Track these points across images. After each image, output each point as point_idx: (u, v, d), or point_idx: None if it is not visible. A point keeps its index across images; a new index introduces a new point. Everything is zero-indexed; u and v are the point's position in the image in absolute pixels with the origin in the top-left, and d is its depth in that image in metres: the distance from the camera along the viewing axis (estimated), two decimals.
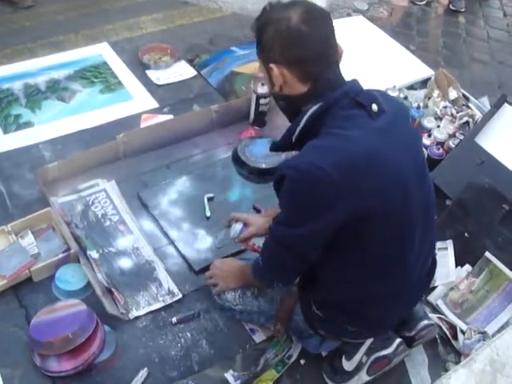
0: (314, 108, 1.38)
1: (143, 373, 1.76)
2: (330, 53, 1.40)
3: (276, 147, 1.57)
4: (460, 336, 1.93)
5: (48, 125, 2.60)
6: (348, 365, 1.73)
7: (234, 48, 3.23)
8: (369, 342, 1.70)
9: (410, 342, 1.80)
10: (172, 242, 2.15)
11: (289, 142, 1.46)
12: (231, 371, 1.79)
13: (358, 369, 1.71)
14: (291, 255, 1.45)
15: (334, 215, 1.32)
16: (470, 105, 2.79)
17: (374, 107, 1.37)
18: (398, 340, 1.72)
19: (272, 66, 1.39)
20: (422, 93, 2.92)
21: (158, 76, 2.95)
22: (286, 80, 1.39)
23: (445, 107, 2.74)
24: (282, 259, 1.49)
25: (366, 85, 1.48)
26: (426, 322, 1.81)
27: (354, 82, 1.43)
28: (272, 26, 1.37)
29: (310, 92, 1.39)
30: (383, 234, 1.38)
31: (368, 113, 1.36)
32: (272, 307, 1.75)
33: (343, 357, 1.74)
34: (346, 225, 1.34)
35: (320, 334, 1.70)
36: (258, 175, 2.37)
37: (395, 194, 1.36)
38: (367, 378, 1.72)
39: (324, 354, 1.84)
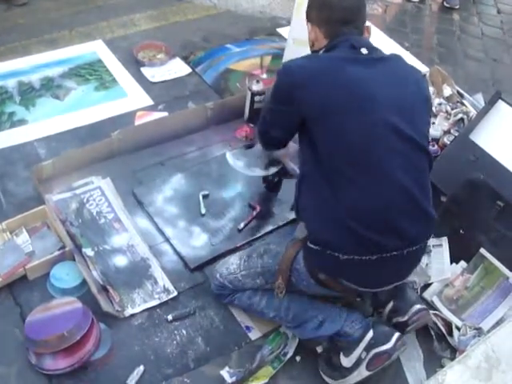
0: (321, 51, 1.73)
1: (139, 370, 1.76)
2: (355, 23, 1.71)
3: None
4: (455, 332, 1.94)
5: (42, 122, 2.59)
6: (347, 361, 1.73)
7: (228, 45, 3.23)
8: (368, 337, 1.70)
9: (403, 328, 1.80)
10: (167, 240, 2.15)
11: None
12: (227, 368, 1.80)
13: (357, 364, 1.71)
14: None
15: (296, 104, 1.62)
16: (465, 102, 2.80)
17: (364, 50, 1.64)
18: (397, 334, 1.72)
19: (309, 24, 1.79)
20: None
21: (153, 73, 2.94)
22: (316, 36, 1.76)
23: (439, 104, 2.75)
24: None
25: None
26: (418, 306, 1.83)
27: (363, 38, 1.73)
28: None
29: (327, 44, 1.72)
30: (344, 139, 1.57)
31: (357, 53, 1.64)
32: (275, 262, 1.76)
33: (341, 353, 1.75)
34: (308, 120, 1.61)
35: (320, 281, 1.69)
36: None
37: (356, 105, 1.56)
38: (367, 373, 1.72)
39: (319, 350, 1.85)
